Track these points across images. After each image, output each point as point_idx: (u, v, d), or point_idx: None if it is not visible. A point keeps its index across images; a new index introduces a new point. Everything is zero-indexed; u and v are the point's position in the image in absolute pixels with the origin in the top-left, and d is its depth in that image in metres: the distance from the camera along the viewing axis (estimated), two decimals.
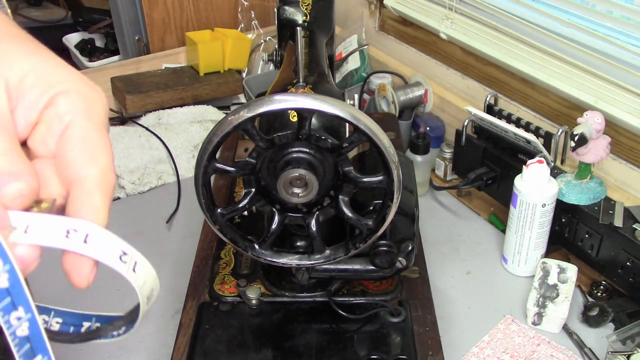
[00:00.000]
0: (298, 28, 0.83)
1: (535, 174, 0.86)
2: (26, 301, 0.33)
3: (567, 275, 0.86)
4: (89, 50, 1.65)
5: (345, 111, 0.57)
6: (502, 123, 0.97)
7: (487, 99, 1.05)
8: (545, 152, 0.92)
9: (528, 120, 0.99)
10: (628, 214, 0.86)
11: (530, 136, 0.92)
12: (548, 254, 0.93)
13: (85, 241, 0.34)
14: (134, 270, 0.34)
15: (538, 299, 0.84)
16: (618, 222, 0.85)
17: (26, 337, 0.33)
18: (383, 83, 1.25)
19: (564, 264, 0.88)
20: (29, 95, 0.35)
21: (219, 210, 0.65)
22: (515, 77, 1.09)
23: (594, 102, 0.94)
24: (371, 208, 0.70)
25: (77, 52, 1.62)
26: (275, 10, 0.89)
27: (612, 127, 0.92)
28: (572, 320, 0.85)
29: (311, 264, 0.68)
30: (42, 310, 0.34)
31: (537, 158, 0.87)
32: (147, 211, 1.07)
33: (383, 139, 0.59)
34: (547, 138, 0.94)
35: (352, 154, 0.64)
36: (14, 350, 0.33)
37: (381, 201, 0.64)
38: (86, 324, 0.39)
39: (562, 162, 0.96)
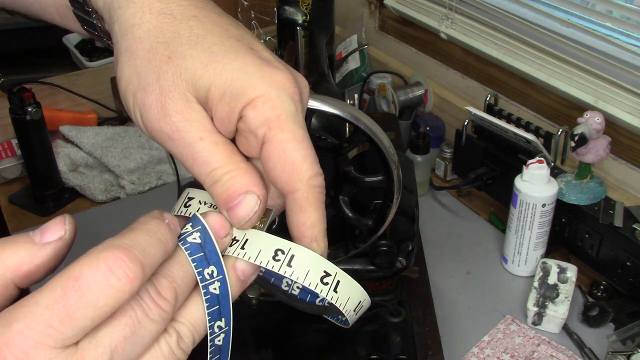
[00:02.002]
0: (298, 28, 0.83)
1: (535, 174, 0.86)
2: (228, 314, 0.35)
3: (567, 275, 0.86)
4: (89, 50, 1.65)
5: (345, 111, 0.57)
6: (502, 123, 0.97)
7: (487, 99, 1.05)
8: (545, 152, 0.92)
9: (528, 120, 0.99)
10: (628, 214, 0.86)
11: (530, 136, 0.92)
12: (548, 254, 0.93)
13: (289, 264, 0.34)
14: (335, 291, 0.35)
15: (538, 299, 0.84)
16: (618, 222, 0.85)
17: (219, 347, 0.37)
18: (383, 83, 1.25)
19: (564, 264, 0.88)
20: (219, 110, 0.34)
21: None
22: (515, 77, 1.09)
23: (594, 102, 0.94)
24: (371, 208, 0.70)
25: (77, 52, 1.62)
26: (275, 10, 0.89)
27: (612, 127, 0.92)
28: (572, 320, 0.85)
29: None
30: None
31: (537, 158, 0.87)
32: (147, 211, 1.06)
33: (383, 139, 0.59)
34: (547, 138, 0.94)
35: (352, 154, 0.64)
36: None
37: (381, 201, 0.64)
38: (319, 300, 0.42)
39: (562, 162, 0.96)
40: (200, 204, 0.38)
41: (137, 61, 0.35)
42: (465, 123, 1.03)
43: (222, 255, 0.34)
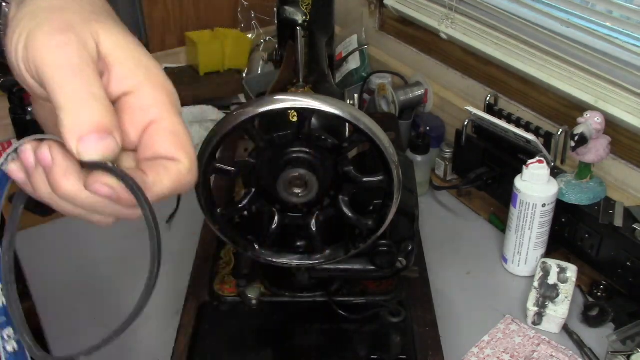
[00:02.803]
0: (298, 28, 0.83)
1: (535, 174, 0.86)
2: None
3: (567, 275, 0.86)
4: None
5: (345, 111, 0.57)
6: (502, 123, 0.97)
7: (487, 99, 1.05)
8: (545, 152, 0.92)
9: (528, 120, 0.99)
10: (628, 214, 0.86)
11: (530, 136, 0.92)
12: (548, 254, 0.93)
13: None
14: None
15: (538, 299, 0.84)
16: (618, 222, 0.85)
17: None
18: (383, 83, 1.25)
19: (564, 264, 0.88)
20: (115, 69, 0.36)
21: (219, 210, 0.65)
22: (515, 77, 1.09)
23: (594, 102, 0.94)
24: (371, 208, 0.70)
25: None
26: (275, 10, 0.89)
27: (612, 127, 0.92)
28: (572, 320, 0.85)
29: (311, 264, 0.68)
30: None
31: (537, 158, 0.87)
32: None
33: (383, 139, 0.59)
34: (547, 138, 0.94)
35: (352, 154, 0.64)
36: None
37: (381, 201, 0.64)
38: None
39: (562, 162, 0.96)
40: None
41: (52, 12, 0.36)
42: (465, 123, 1.03)
43: None
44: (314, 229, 0.66)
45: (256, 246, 0.68)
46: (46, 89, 0.34)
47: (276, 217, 0.66)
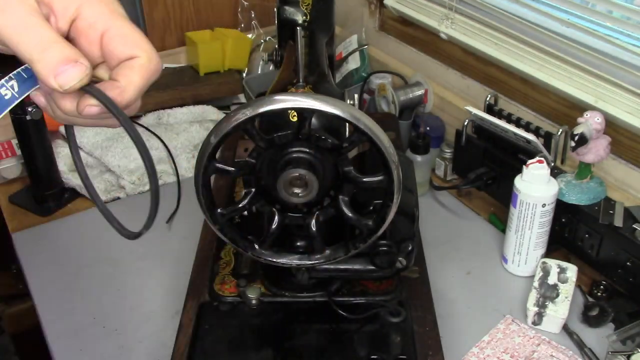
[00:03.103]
0: (298, 28, 0.83)
1: (535, 174, 0.86)
2: None
3: (567, 275, 0.86)
4: None
5: (345, 111, 0.57)
6: (502, 123, 0.97)
7: (487, 99, 1.05)
8: (545, 152, 0.92)
9: (528, 120, 0.99)
10: (628, 214, 0.86)
11: (530, 136, 0.92)
12: (548, 254, 0.93)
13: None
14: None
15: (538, 299, 0.84)
16: (618, 222, 0.85)
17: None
18: (383, 83, 1.25)
19: (564, 264, 0.88)
20: (55, 6, 0.41)
21: (219, 210, 0.65)
22: (515, 77, 1.09)
23: (594, 102, 0.94)
24: (371, 208, 0.70)
25: None
26: (275, 10, 0.89)
27: (612, 127, 0.92)
28: (572, 320, 0.85)
29: (311, 264, 0.68)
30: None
31: (537, 158, 0.87)
32: (147, 211, 1.07)
33: (383, 139, 0.59)
34: (547, 138, 0.94)
35: (352, 154, 0.64)
36: None
37: (381, 201, 0.64)
38: None
39: (562, 162, 0.96)
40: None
41: None
42: (465, 123, 1.03)
43: None
44: (314, 229, 0.66)
45: (256, 246, 0.68)
46: (13, 50, 0.39)
47: (276, 217, 0.66)
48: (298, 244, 0.74)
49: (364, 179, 0.63)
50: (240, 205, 0.65)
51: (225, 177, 1.00)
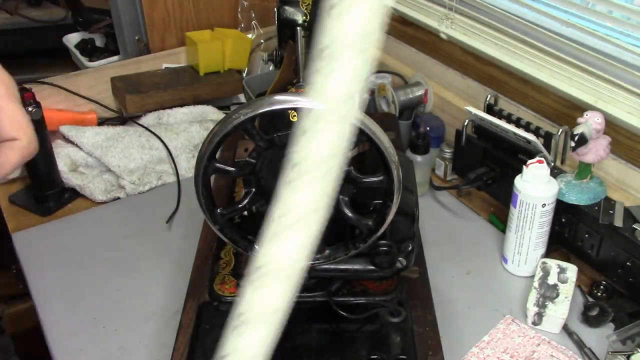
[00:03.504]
0: (298, 28, 0.83)
1: (535, 174, 0.86)
2: None
3: (567, 275, 0.86)
4: (89, 50, 1.65)
5: None
6: (502, 123, 0.97)
7: (487, 99, 1.05)
8: (545, 152, 0.92)
9: (528, 120, 0.99)
10: (628, 214, 0.86)
11: (530, 136, 0.92)
12: (548, 254, 0.93)
13: None
14: None
15: (538, 299, 0.84)
16: (618, 222, 0.85)
17: None
18: (383, 83, 1.25)
19: (564, 264, 0.88)
20: None
21: (219, 210, 0.65)
22: (515, 77, 1.09)
23: (594, 102, 0.94)
24: (371, 208, 0.70)
25: (77, 52, 1.62)
26: (275, 10, 0.89)
27: (612, 127, 0.92)
28: (572, 320, 0.85)
29: (311, 264, 0.68)
30: None
31: (537, 158, 0.87)
32: (147, 211, 1.07)
33: (383, 139, 0.59)
34: (547, 138, 0.94)
35: (352, 154, 0.64)
36: None
37: (381, 201, 0.64)
38: None
39: (562, 162, 0.96)
40: None
41: None
42: (465, 123, 1.03)
43: None
44: None
45: (256, 246, 0.68)
46: None
47: None
48: None
49: (364, 179, 0.63)
50: (240, 205, 0.65)
51: (225, 177, 1.00)
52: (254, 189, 0.65)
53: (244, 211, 0.66)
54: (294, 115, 0.67)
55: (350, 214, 0.66)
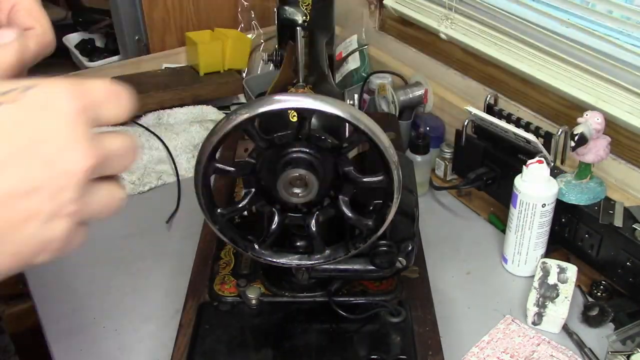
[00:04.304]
0: (298, 28, 0.83)
1: (535, 174, 0.86)
2: None
3: (567, 275, 0.86)
4: (89, 50, 1.65)
5: (345, 111, 0.57)
6: (502, 123, 0.97)
7: (487, 99, 1.05)
8: (545, 152, 0.92)
9: (528, 120, 0.99)
10: (628, 214, 0.86)
11: (530, 136, 0.92)
12: (548, 254, 0.93)
13: None
14: None
15: (538, 299, 0.84)
16: (618, 222, 0.85)
17: None
18: (383, 83, 1.25)
19: (564, 264, 0.88)
20: None
21: (219, 210, 0.65)
22: (515, 77, 1.09)
23: (594, 102, 0.94)
24: (371, 208, 0.70)
25: (77, 52, 1.62)
26: (275, 10, 0.89)
27: (612, 127, 0.92)
28: (572, 320, 0.85)
29: (311, 264, 0.68)
30: None
31: (537, 158, 0.87)
32: (147, 211, 1.07)
33: (383, 139, 0.59)
34: (547, 138, 0.94)
35: (352, 154, 0.64)
36: None
37: (381, 201, 0.64)
38: None
39: (562, 162, 0.96)
40: None
41: None
42: (465, 123, 1.03)
43: None
44: (314, 229, 0.66)
45: (256, 246, 0.68)
46: None
47: (276, 217, 0.66)
48: (298, 244, 0.74)
49: (364, 179, 0.63)
50: (240, 205, 0.65)
51: (225, 177, 1.00)
52: (253, 189, 0.65)
53: (244, 211, 0.66)
54: (294, 116, 0.67)
55: (350, 214, 0.66)
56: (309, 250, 0.69)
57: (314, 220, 0.66)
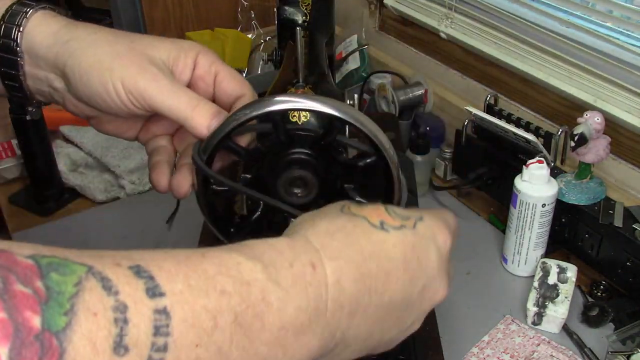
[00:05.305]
0: (298, 28, 0.83)
1: (535, 174, 0.86)
2: None
3: (567, 275, 0.86)
4: None
5: (344, 112, 0.57)
6: (502, 123, 0.97)
7: (487, 99, 1.05)
8: (545, 152, 0.92)
9: (528, 120, 0.99)
10: (628, 214, 0.86)
11: (530, 136, 0.92)
12: (548, 254, 0.93)
13: None
14: None
15: (538, 299, 0.84)
16: (618, 222, 0.85)
17: None
18: (383, 83, 1.25)
19: (564, 264, 0.88)
20: (180, 64, 0.52)
21: (218, 210, 0.65)
22: (515, 77, 1.09)
23: (594, 102, 0.94)
24: None
25: None
26: (275, 10, 0.89)
27: (612, 127, 0.92)
28: (572, 320, 0.85)
29: None
30: None
31: (537, 158, 0.87)
32: (147, 211, 1.07)
33: (383, 139, 0.59)
34: (547, 138, 0.94)
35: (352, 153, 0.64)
36: None
37: (381, 201, 0.64)
38: None
39: (562, 162, 0.96)
40: None
41: (104, 47, 0.49)
42: (465, 123, 1.03)
43: None
44: None
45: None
46: (161, 111, 0.49)
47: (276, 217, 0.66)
48: None
49: (358, 163, 0.63)
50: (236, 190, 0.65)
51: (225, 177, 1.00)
52: (249, 176, 0.65)
53: (244, 212, 0.66)
54: (294, 115, 0.67)
55: (361, 199, 0.65)
56: None
57: None
